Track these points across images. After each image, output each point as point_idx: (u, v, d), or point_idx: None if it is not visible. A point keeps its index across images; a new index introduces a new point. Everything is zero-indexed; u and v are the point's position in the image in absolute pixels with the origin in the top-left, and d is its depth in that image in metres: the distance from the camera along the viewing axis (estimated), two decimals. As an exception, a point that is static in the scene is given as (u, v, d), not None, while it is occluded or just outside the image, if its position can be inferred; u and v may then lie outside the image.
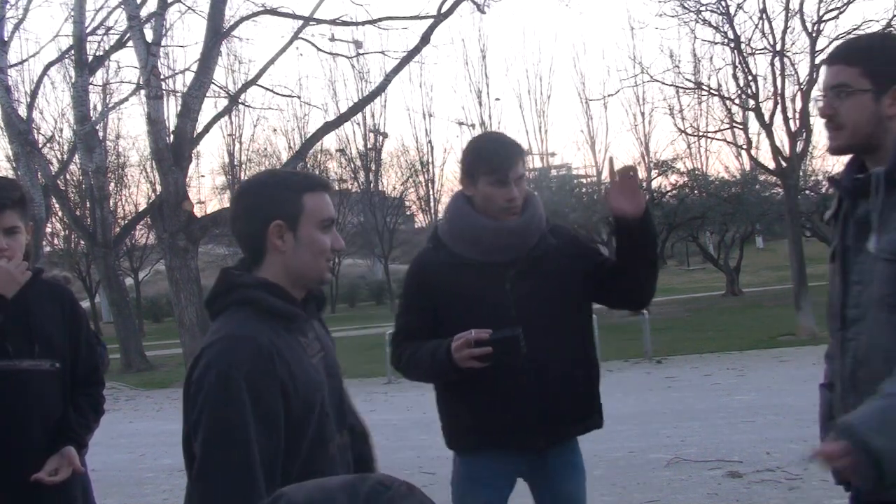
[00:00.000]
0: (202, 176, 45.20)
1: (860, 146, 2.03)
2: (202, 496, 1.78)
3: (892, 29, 14.66)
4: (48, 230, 27.62)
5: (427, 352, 2.59)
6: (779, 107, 15.53)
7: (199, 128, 17.55)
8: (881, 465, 1.75)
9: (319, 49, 19.72)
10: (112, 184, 29.49)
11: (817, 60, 15.16)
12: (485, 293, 2.59)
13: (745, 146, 17.77)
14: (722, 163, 58.30)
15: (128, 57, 35.32)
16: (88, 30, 18.83)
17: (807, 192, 23.58)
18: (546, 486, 2.73)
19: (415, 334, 2.68)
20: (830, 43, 15.21)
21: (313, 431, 1.89)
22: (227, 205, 35.52)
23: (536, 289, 2.60)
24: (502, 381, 2.54)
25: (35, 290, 2.62)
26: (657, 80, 18.31)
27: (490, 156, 2.63)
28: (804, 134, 15.84)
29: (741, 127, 17.78)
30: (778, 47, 15.46)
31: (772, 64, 15.68)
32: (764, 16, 15.54)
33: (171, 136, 16.59)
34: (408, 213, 44.63)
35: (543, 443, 2.65)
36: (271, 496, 1.05)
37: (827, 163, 29.66)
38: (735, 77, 16.45)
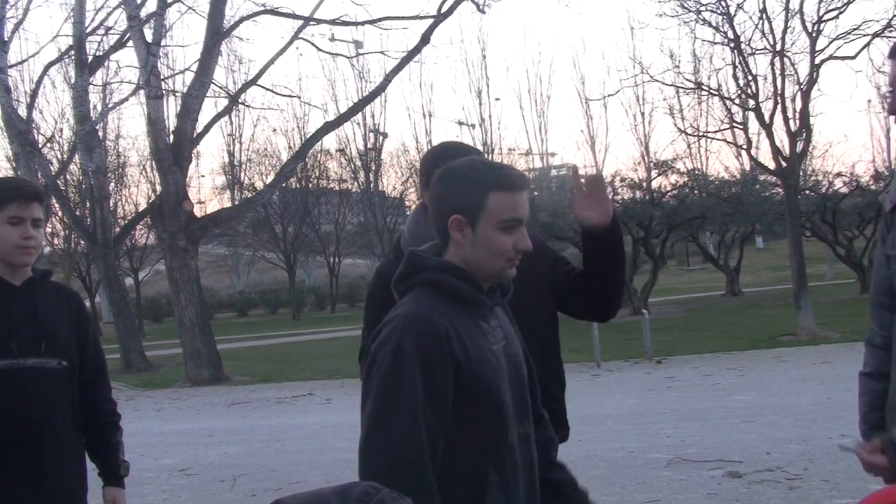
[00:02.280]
0: (202, 176, 45.15)
1: None
2: (369, 462, 1.81)
3: (892, 29, 14.66)
4: (48, 230, 27.62)
5: None
6: (779, 107, 15.52)
7: (199, 128, 17.56)
8: None
9: (319, 49, 19.76)
10: (112, 184, 29.51)
11: (817, 60, 15.17)
12: None
13: (745, 146, 17.76)
14: (722, 163, 58.34)
15: (128, 57, 35.42)
16: (88, 30, 18.83)
17: (807, 192, 23.58)
18: None
19: None
20: (830, 43, 15.23)
21: (489, 419, 1.89)
22: (227, 205, 35.56)
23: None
24: None
25: (43, 289, 2.66)
26: (657, 80, 18.30)
27: (448, 161, 2.62)
28: (804, 134, 15.84)
29: (741, 127, 17.77)
30: (778, 47, 15.45)
31: (772, 64, 15.68)
32: (764, 16, 15.54)
33: (171, 136, 16.60)
34: (407, 213, 44.60)
35: None
36: None
37: (827, 163, 29.74)
38: (735, 77, 16.44)
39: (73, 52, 18.88)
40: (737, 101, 17.34)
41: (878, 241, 2.14)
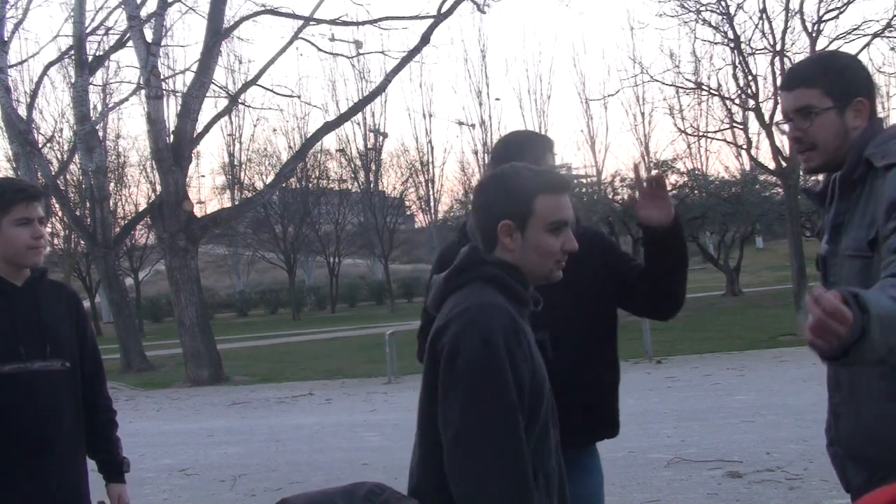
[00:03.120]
0: (202, 176, 45.30)
1: (832, 162, 2.11)
2: (468, 457, 1.76)
3: (892, 29, 14.68)
4: (48, 230, 27.59)
5: None
6: (778, 107, 15.52)
7: (199, 128, 17.56)
8: (858, 349, 1.65)
9: (319, 49, 19.75)
10: (112, 184, 29.52)
11: (817, 60, 15.14)
12: None
13: (745, 146, 17.77)
14: (722, 163, 58.49)
15: (128, 57, 35.45)
16: (88, 30, 18.83)
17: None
18: None
19: None
20: (830, 43, 15.22)
21: (543, 420, 1.90)
22: (227, 205, 35.56)
23: (559, 291, 2.57)
24: None
25: (43, 289, 2.67)
26: (657, 80, 18.31)
27: (523, 148, 2.61)
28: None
29: (741, 127, 17.78)
30: (778, 47, 15.46)
31: (772, 64, 15.69)
32: (764, 16, 15.55)
33: (171, 136, 16.60)
34: (408, 213, 44.67)
35: None
36: None
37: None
38: (735, 77, 16.45)
39: (73, 52, 18.89)
40: (737, 101, 17.35)
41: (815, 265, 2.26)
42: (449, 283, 1.98)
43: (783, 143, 15.89)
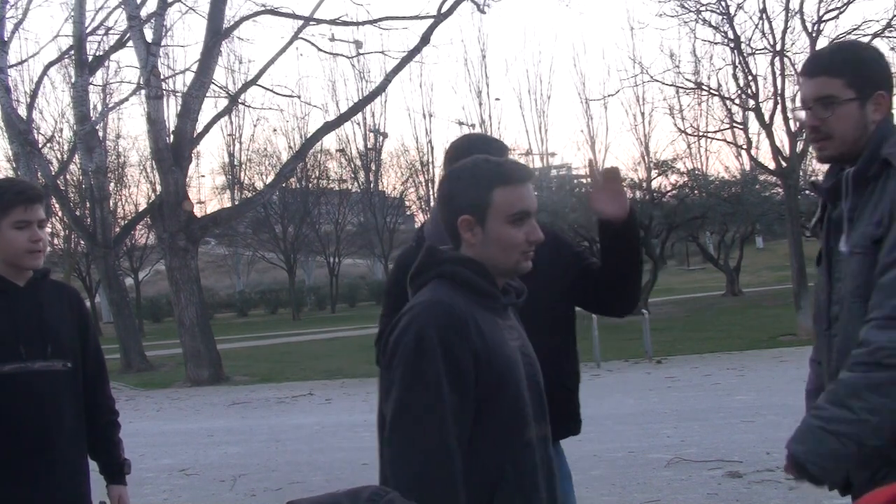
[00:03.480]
0: (202, 176, 45.25)
1: (849, 155, 2.07)
2: (396, 449, 1.80)
3: (892, 29, 14.67)
4: (48, 230, 27.58)
5: None
6: (779, 107, 15.52)
7: (199, 128, 17.56)
8: (804, 468, 1.95)
9: (319, 49, 19.75)
10: (112, 184, 29.50)
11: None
12: None
13: (745, 146, 17.77)
14: (722, 163, 58.42)
15: (128, 57, 35.45)
16: (88, 30, 18.83)
17: (807, 192, 23.56)
18: None
19: None
20: (830, 43, 15.22)
21: (507, 413, 1.89)
22: (227, 205, 35.56)
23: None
24: None
25: (45, 289, 2.67)
26: (657, 80, 18.31)
27: (475, 151, 2.62)
28: (804, 134, 15.83)
29: (741, 127, 17.78)
30: (778, 47, 15.45)
31: (772, 64, 15.68)
32: (764, 16, 15.54)
33: (171, 136, 16.60)
34: (408, 213, 44.63)
35: None
36: None
37: (827, 163, 29.69)
38: (735, 77, 16.45)
39: (73, 52, 18.89)
40: (737, 101, 17.35)
41: (816, 261, 2.26)
42: (412, 284, 1.99)
43: (783, 142, 15.91)
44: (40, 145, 21.08)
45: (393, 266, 2.82)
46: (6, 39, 18.39)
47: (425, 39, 17.45)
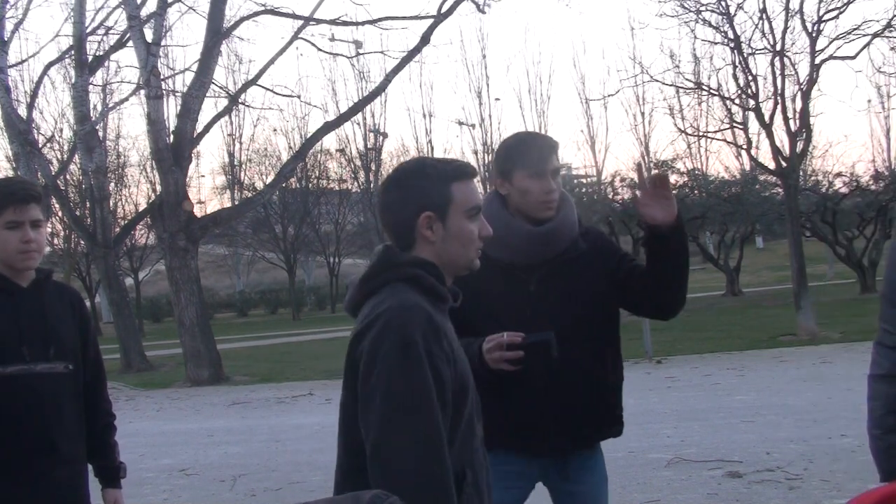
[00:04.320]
0: (202, 176, 45.26)
1: None
2: (393, 464, 1.73)
3: (892, 29, 14.66)
4: (48, 230, 27.57)
5: None
6: (779, 107, 15.52)
7: (199, 128, 17.55)
8: None
9: (319, 49, 19.75)
10: (112, 184, 29.51)
11: (817, 60, 15.17)
12: (506, 294, 2.57)
13: (745, 146, 17.75)
14: (722, 163, 58.43)
15: (128, 57, 35.42)
16: (88, 30, 18.82)
17: (807, 192, 23.58)
18: (562, 488, 2.70)
19: None
20: (830, 43, 15.22)
21: (468, 416, 1.88)
22: (227, 205, 35.56)
23: (560, 293, 2.57)
24: (521, 384, 2.51)
25: (48, 291, 2.65)
26: (657, 80, 18.28)
27: (526, 149, 2.62)
28: (804, 134, 15.83)
29: (741, 127, 17.76)
30: (778, 47, 15.45)
31: (772, 64, 15.67)
32: (764, 16, 15.53)
33: (171, 136, 16.59)
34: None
35: (556, 448, 2.61)
36: None
37: (827, 163, 29.71)
38: (735, 77, 16.43)
39: (73, 52, 18.88)
40: (737, 101, 17.33)
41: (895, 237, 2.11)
42: (365, 285, 1.93)
43: (783, 142, 15.90)
44: (40, 145, 21.07)
45: None
46: (6, 39, 18.39)
47: (425, 39, 17.44)
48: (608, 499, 2.75)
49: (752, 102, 16.10)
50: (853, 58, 15.37)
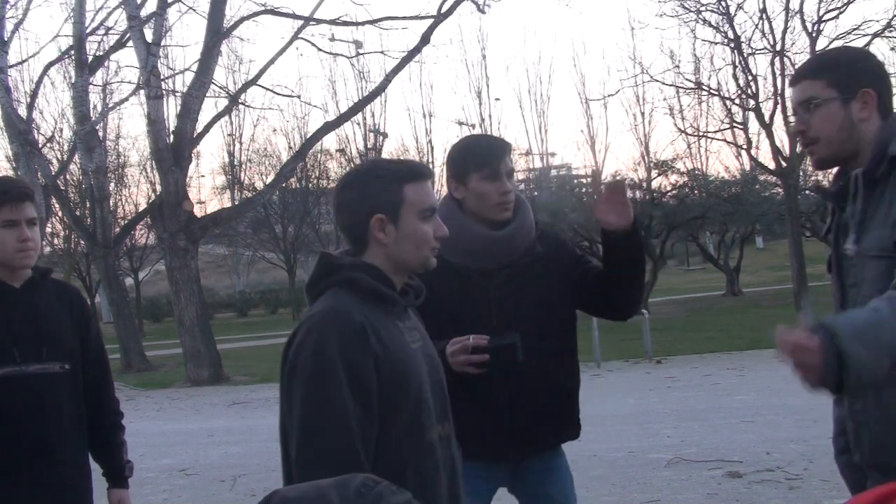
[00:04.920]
0: (202, 176, 45.18)
1: (839, 155, 2.05)
2: (307, 470, 1.79)
3: (892, 29, 14.68)
4: (48, 230, 27.61)
5: None
6: (779, 107, 15.55)
7: (199, 128, 17.56)
8: (847, 372, 1.70)
9: (319, 49, 19.75)
10: (112, 184, 29.47)
11: (817, 60, 15.16)
12: (467, 298, 2.57)
13: (745, 146, 17.80)
14: (722, 163, 58.32)
15: (128, 57, 35.31)
16: (88, 30, 18.82)
17: (807, 192, 23.58)
18: (526, 492, 2.71)
19: None
20: (830, 43, 15.24)
21: (409, 416, 1.88)
22: (227, 205, 35.55)
23: (520, 296, 2.58)
24: (477, 389, 2.50)
25: (44, 290, 2.63)
26: (657, 80, 18.37)
27: (480, 151, 2.63)
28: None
29: (741, 127, 17.81)
30: (778, 47, 15.48)
31: (772, 64, 15.72)
32: (764, 16, 15.58)
33: (171, 136, 16.59)
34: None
35: (516, 453, 2.62)
36: (266, 496, 1.06)
37: (827, 163, 29.70)
38: (735, 77, 16.48)
39: (73, 52, 18.88)
40: (737, 101, 17.36)
41: (825, 267, 2.20)
42: (309, 291, 1.96)
43: (783, 142, 15.92)
44: (40, 145, 21.07)
45: None
46: (6, 39, 18.39)
47: (425, 39, 17.44)
48: (575, 498, 2.75)
49: (752, 102, 16.13)
50: (853, 58, 15.37)
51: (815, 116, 2.03)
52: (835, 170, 2.18)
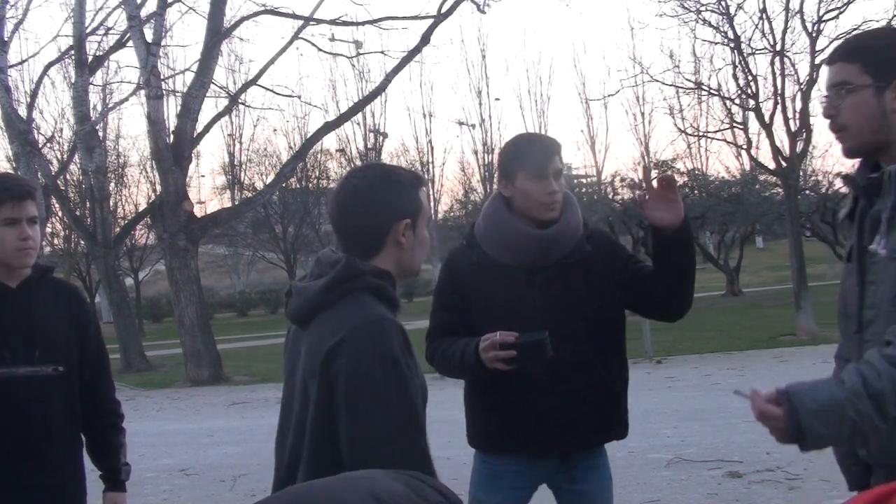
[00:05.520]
0: (202, 176, 45.20)
1: (869, 145, 1.95)
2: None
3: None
4: (48, 230, 27.62)
5: (458, 349, 2.56)
6: (779, 107, 15.53)
7: (199, 128, 17.55)
8: (804, 442, 1.86)
9: (319, 49, 19.74)
10: (112, 184, 29.49)
11: (817, 60, 15.15)
12: (511, 296, 2.56)
13: (745, 146, 17.76)
14: (722, 163, 58.42)
15: (128, 57, 35.37)
16: (88, 30, 18.82)
17: (807, 192, 23.59)
18: (566, 488, 2.71)
19: (448, 330, 2.65)
20: (830, 43, 15.20)
21: (424, 420, 1.90)
22: (227, 205, 35.54)
23: (564, 295, 2.56)
24: (525, 386, 2.51)
25: (41, 290, 2.59)
26: (657, 80, 18.29)
27: (528, 150, 2.61)
28: (804, 134, 15.84)
29: (741, 127, 17.77)
30: (778, 47, 15.45)
31: (772, 64, 15.68)
32: (764, 16, 15.54)
33: (171, 136, 16.60)
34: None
35: (560, 450, 2.62)
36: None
37: (827, 163, 29.76)
38: (735, 77, 16.44)
39: (73, 52, 18.88)
40: (737, 101, 17.34)
41: (845, 256, 2.14)
42: (326, 295, 1.88)
43: (783, 142, 15.91)
44: (40, 145, 21.08)
45: (442, 266, 2.82)
46: (6, 39, 18.39)
47: (425, 39, 17.44)
48: (613, 500, 2.75)
49: (752, 102, 16.11)
50: (853, 58, 15.35)
51: (846, 102, 1.93)
52: (847, 160, 2.10)
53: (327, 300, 1.88)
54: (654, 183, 2.47)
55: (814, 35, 15.19)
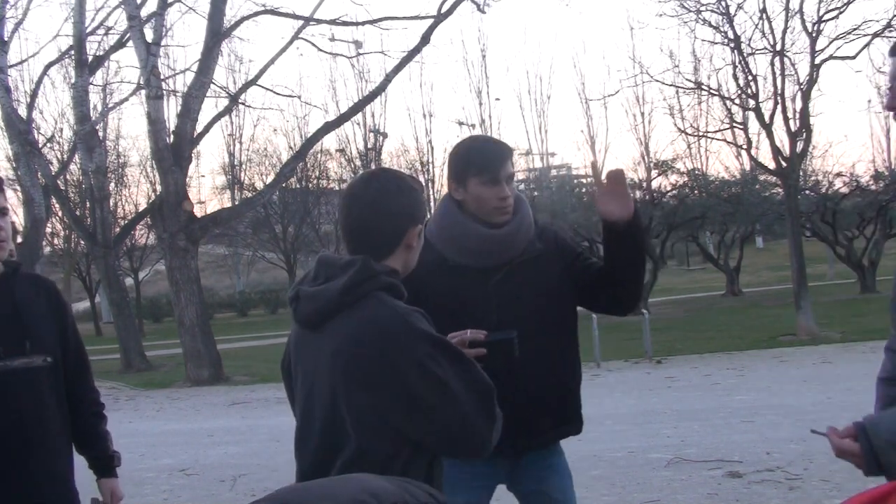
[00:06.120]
0: (202, 176, 45.21)
1: None
2: (476, 431, 1.94)
3: (892, 29, 14.66)
4: (48, 230, 27.62)
5: None
6: (779, 107, 15.52)
7: (199, 128, 17.55)
8: (887, 472, 1.80)
9: (319, 49, 19.74)
10: (112, 184, 29.49)
11: (817, 60, 15.17)
12: (467, 296, 2.57)
13: (745, 146, 17.75)
14: (722, 163, 58.30)
15: (128, 57, 35.45)
16: (88, 30, 18.83)
17: (807, 192, 23.58)
18: (524, 489, 2.72)
19: None
20: (830, 43, 15.23)
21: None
22: (227, 205, 35.54)
23: (520, 293, 2.58)
24: None
25: (20, 283, 2.58)
26: (657, 80, 18.30)
27: (480, 155, 2.61)
28: (804, 134, 15.83)
29: (741, 127, 17.76)
30: (778, 47, 15.45)
31: (772, 64, 15.67)
32: (764, 16, 15.54)
33: (171, 136, 16.60)
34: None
35: (517, 448, 2.62)
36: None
37: (827, 163, 29.74)
38: (735, 77, 16.43)
39: (73, 52, 18.88)
40: (737, 101, 17.34)
41: None
42: (346, 296, 1.94)
43: (783, 142, 15.91)
44: (40, 145, 21.08)
45: None
46: (6, 39, 18.39)
47: (425, 39, 17.44)
48: (575, 497, 2.75)
49: (752, 102, 16.10)
50: (853, 58, 15.38)
51: None
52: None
53: (346, 301, 1.95)
54: (603, 177, 2.49)
55: (814, 35, 15.19)
